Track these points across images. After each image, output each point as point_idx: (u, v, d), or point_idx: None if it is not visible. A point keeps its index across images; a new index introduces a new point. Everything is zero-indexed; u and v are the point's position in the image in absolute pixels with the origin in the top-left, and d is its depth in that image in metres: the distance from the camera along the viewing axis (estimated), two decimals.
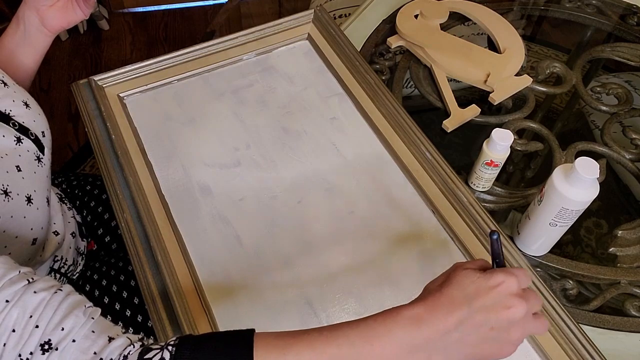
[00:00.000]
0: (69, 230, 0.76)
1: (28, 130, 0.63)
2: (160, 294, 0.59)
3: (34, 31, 0.69)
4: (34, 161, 0.62)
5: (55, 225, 0.70)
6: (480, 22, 0.94)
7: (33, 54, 0.72)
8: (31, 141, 0.62)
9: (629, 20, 0.98)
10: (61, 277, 0.73)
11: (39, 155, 0.63)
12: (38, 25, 0.69)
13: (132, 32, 2.02)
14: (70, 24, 0.71)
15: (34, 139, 0.63)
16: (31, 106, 0.65)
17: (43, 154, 0.64)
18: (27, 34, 0.69)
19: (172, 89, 0.81)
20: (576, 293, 0.65)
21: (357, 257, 0.64)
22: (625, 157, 0.77)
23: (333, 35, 0.85)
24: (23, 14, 0.68)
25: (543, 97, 0.88)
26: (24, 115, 0.63)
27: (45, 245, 0.67)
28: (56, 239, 0.70)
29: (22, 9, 0.68)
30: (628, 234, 0.69)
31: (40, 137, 0.65)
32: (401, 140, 0.73)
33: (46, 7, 0.68)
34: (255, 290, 0.61)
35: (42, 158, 0.64)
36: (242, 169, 0.72)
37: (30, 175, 0.60)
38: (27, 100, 0.65)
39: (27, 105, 0.64)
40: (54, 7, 0.69)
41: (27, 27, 0.69)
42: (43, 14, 0.68)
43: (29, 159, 0.61)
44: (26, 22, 0.68)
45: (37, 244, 0.61)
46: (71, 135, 1.68)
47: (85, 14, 0.71)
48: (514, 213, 0.72)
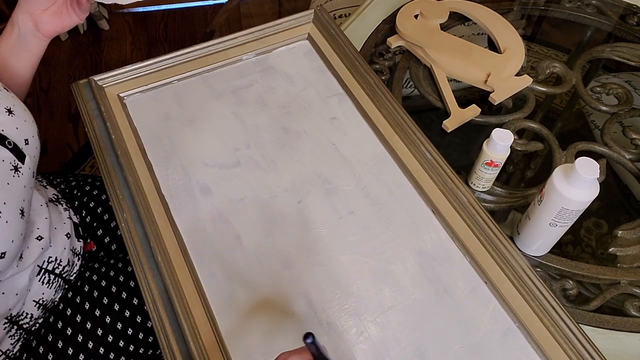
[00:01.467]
0: (63, 231, 0.76)
1: (6, 138, 0.61)
2: (161, 294, 0.59)
3: (29, 35, 0.68)
4: (9, 171, 0.60)
5: (38, 230, 0.69)
6: (480, 22, 0.94)
7: (28, 58, 0.70)
8: (8, 150, 0.60)
9: (629, 20, 0.98)
10: (56, 278, 0.73)
11: (17, 164, 0.61)
12: (32, 30, 0.68)
13: (132, 32, 2.02)
14: (65, 28, 0.69)
15: (12, 148, 0.61)
16: (15, 113, 0.63)
17: (23, 163, 0.62)
18: (21, 37, 0.68)
19: (172, 89, 0.81)
20: (576, 293, 0.65)
21: (357, 257, 0.64)
22: (625, 157, 0.77)
23: (333, 35, 0.85)
24: (17, 17, 0.67)
25: (543, 97, 0.88)
26: (4, 123, 0.61)
27: (24, 254, 0.66)
28: (39, 244, 0.69)
29: (16, 13, 0.67)
30: (628, 234, 0.69)
31: (22, 145, 0.63)
32: (401, 140, 0.73)
33: (40, 11, 0.67)
34: (255, 290, 0.61)
35: (20, 167, 0.62)
36: (242, 169, 0.72)
37: (2, 187, 0.58)
38: (11, 107, 0.63)
39: (10, 112, 0.62)
40: (48, 11, 0.67)
41: (21, 31, 0.67)
42: (37, 18, 0.67)
43: (3, 169, 0.59)
44: (20, 26, 0.67)
45: (7, 258, 0.59)
46: (71, 135, 1.68)
47: (80, 18, 0.69)
48: (514, 213, 0.72)
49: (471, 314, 0.60)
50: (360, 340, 0.58)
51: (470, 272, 0.63)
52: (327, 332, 0.58)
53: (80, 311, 0.73)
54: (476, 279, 0.63)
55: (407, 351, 0.57)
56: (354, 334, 0.58)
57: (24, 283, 0.67)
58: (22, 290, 0.67)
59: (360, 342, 0.58)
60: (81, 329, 0.72)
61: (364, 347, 0.58)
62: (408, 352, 0.57)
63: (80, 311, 0.73)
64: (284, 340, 0.58)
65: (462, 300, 0.61)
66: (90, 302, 0.74)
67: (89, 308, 0.73)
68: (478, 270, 0.63)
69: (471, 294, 0.61)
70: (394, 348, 0.58)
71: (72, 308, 0.73)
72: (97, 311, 0.73)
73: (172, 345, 0.56)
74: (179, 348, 0.56)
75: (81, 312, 0.73)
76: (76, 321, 0.72)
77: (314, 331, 0.58)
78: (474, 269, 0.63)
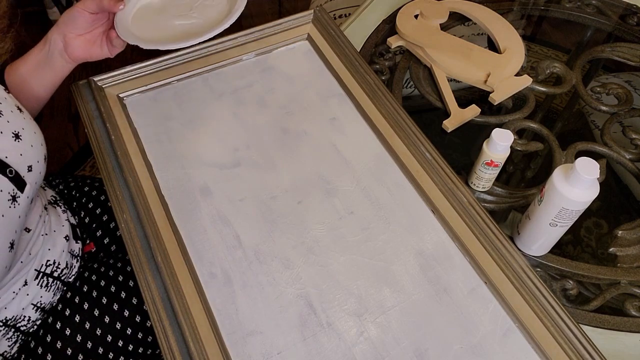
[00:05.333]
0: (62, 234, 0.75)
1: (7, 167, 0.59)
2: (161, 294, 0.59)
3: (57, 54, 0.70)
4: (7, 202, 0.58)
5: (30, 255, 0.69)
6: (480, 22, 0.94)
7: (51, 77, 0.72)
8: (8, 179, 0.59)
9: (629, 20, 0.98)
10: (54, 281, 0.73)
11: (16, 194, 0.60)
12: (61, 50, 0.70)
13: None
14: (92, 57, 0.72)
15: (13, 177, 0.59)
16: (23, 137, 0.62)
17: (22, 192, 0.61)
18: (50, 55, 0.70)
19: (172, 89, 0.81)
20: (576, 293, 0.65)
21: (357, 257, 0.64)
22: (625, 157, 0.77)
23: (333, 35, 0.85)
24: (52, 35, 0.69)
25: (543, 97, 0.88)
26: (9, 149, 0.60)
27: (13, 273, 0.66)
28: (32, 269, 0.69)
29: (52, 31, 0.69)
30: (628, 234, 0.69)
31: (24, 172, 0.62)
32: (401, 140, 0.73)
33: (74, 35, 0.69)
34: (255, 290, 0.61)
35: (18, 197, 0.60)
36: (242, 169, 0.72)
37: None
38: (19, 131, 0.62)
39: (17, 136, 0.62)
40: (81, 37, 0.70)
41: (51, 49, 0.69)
42: (69, 40, 0.69)
43: (0, 200, 0.57)
44: (51, 43, 0.69)
45: None
46: (71, 135, 1.68)
47: (111, 53, 0.72)
48: (514, 213, 0.72)
49: (471, 314, 0.60)
50: (360, 340, 0.58)
51: (470, 272, 0.63)
52: (327, 332, 0.58)
53: (79, 311, 0.73)
54: (476, 279, 0.63)
55: (407, 351, 0.57)
56: (354, 334, 0.58)
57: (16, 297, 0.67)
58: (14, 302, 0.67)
59: (360, 342, 0.58)
60: (80, 329, 0.72)
61: (364, 347, 0.58)
62: (408, 352, 0.57)
63: (79, 311, 0.73)
64: (284, 340, 0.58)
65: (462, 300, 0.61)
66: (89, 302, 0.74)
67: (87, 308, 0.73)
68: (478, 271, 0.63)
69: (471, 294, 0.61)
70: (394, 348, 0.58)
71: (71, 308, 0.73)
72: (96, 311, 0.73)
73: (171, 345, 0.56)
74: (178, 348, 0.56)
75: (80, 312, 0.73)
76: (75, 321, 0.72)
77: (314, 331, 0.58)
78: (474, 269, 0.63)
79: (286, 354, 0.57)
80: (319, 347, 0.57)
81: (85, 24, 0.69)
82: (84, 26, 0.69)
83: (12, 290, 0.66)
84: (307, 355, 0.57)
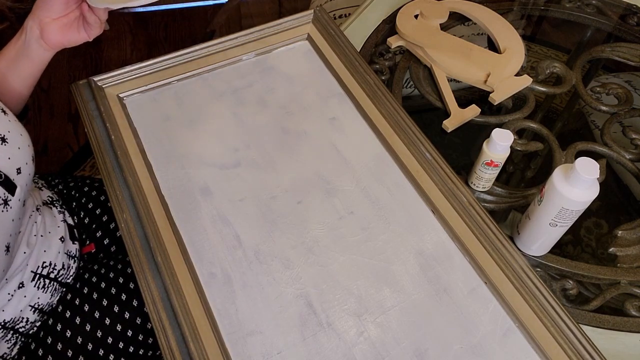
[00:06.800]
0: (57, 235, 0.75)
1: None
2: (161, 294, 0.59)
3: (33, 42, 0.67)
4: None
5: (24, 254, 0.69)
6: (480, 22, 0.94)
7: (29, 67, 0.69)
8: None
9: (629, 20, 0.98)
10: (51, 282, 0.72)
11: (7, 197, 0.59)
12: (37, 37, 0.67)
13: (132, 32, 2.02)
14: (70, 43, 0.69)
15: (2, 181, 0.59)
16: (9, 140, 0.61)
17: (13, 195, 0.60)
18: (26, 44, 0.67)
19: (172, 89, 0.81)
20: (576, 293, 0.65)
21: (357, 257, 0.64)
22: (625, 157, 0.77)
23: (333, 35, 0.85)
24: (27, 23, 0.66)
25: (543, 97, 0.88)
26: None
27: (10, 278, 0.66)
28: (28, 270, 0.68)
29: (28, 19, 0.67)
30: (628, 234, 0.69)
31: (13, 175, 0.61)
32: (401, 140, 0.73)
33: (49, 19, 0.66)
34: (255, 290, 0.61)
35: (9, 201, 0.60)
36: (242, 169, 0.72)
37: None
38: (4, 135, 0.61)
39: (3, 140, 0.61)
40: (57, 21, 0.66)
41: (27, 37, 0.67)
42: (44, 26, 0.66)
43: None
44: (28, 32, 0.66)
45: None
46: (71, 135, 1.68)
47: (89, 36, 0.69)
48: (514, 213, 0.72)
49: (471, 314, 0.60)
50: (360, 340, 0.58)
51: (470, 272, 0.63)
52: (327, 332, 0.58)
53: (79, 313, 0.73)
54: (476, 279, 0.63)
55: (407, 351, 0.57)
56: (354, 334, 0.58)
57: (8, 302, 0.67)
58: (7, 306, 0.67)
59: (360, 342, 0.58)
60: (80, 331, 0.72)
61: (364, 347, 0.58)
62: (408, 352, 0.57)
63: (79, 313, 0.73)
64: (283, 340, 0.58)
65: (462, 300, 0.61)
66: (89, 304, 0.74)
67: (88, 310, 0.73)
68: (478, 271, 0.63)
69: (471, 294, 0.61)
70: (394, 348, 0.58)
71: (71, 310, 0.73)
72: (97, 313, 0.73)
73: (172, 346, 0.56)
74: (178, 348, 0.56)
75: (80, 314, 0.73)
76: (75, 323, 0.72)
77: (314, 331, 0.58)
78: (474, 269, 0.63)
79: (286, 354, 0.57)
80: (319, 347, 0.57)
81: (59, 6, 0.65)
82: (59, 9, 0.66)
83: (6, 292, 0.66)
84: (307, 355, 0.57)
